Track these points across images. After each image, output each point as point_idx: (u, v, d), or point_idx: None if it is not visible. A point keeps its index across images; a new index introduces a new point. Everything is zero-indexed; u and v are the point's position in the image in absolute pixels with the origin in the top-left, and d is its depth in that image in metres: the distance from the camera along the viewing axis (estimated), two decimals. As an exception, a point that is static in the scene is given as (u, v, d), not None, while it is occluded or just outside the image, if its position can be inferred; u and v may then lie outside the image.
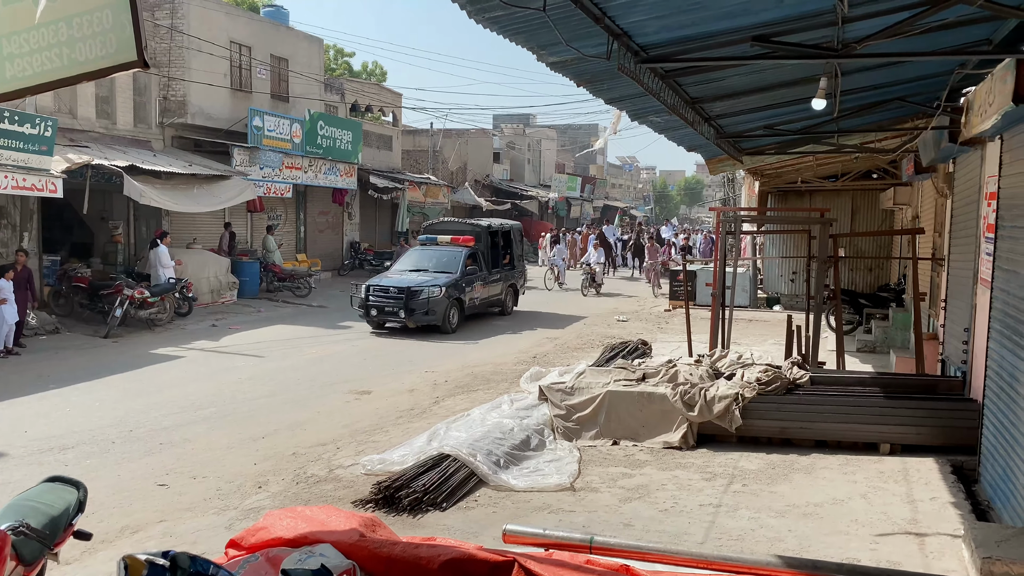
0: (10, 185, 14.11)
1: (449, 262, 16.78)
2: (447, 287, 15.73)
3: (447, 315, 15.68)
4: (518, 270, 19.27)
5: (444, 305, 15.56)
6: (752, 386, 8.14)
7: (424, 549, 2.09)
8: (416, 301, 15.42)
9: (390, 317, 15.72)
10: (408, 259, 17.73)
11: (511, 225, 19.86)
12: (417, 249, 18.14)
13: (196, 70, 20.47)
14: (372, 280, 16.45)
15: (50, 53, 2.73)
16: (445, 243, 17.49)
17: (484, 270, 17.36)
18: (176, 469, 7.52)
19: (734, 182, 34.19)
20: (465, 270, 16.52)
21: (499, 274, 18.12)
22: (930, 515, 6.18)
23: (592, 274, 23.52)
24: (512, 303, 18.88)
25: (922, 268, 11.99)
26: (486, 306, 17.58)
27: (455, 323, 16.03)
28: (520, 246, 19.81)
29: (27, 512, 3.45)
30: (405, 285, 15.57)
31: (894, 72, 7.62)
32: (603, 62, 5.13)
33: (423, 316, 15.44)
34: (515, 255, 19.28)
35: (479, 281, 16.99)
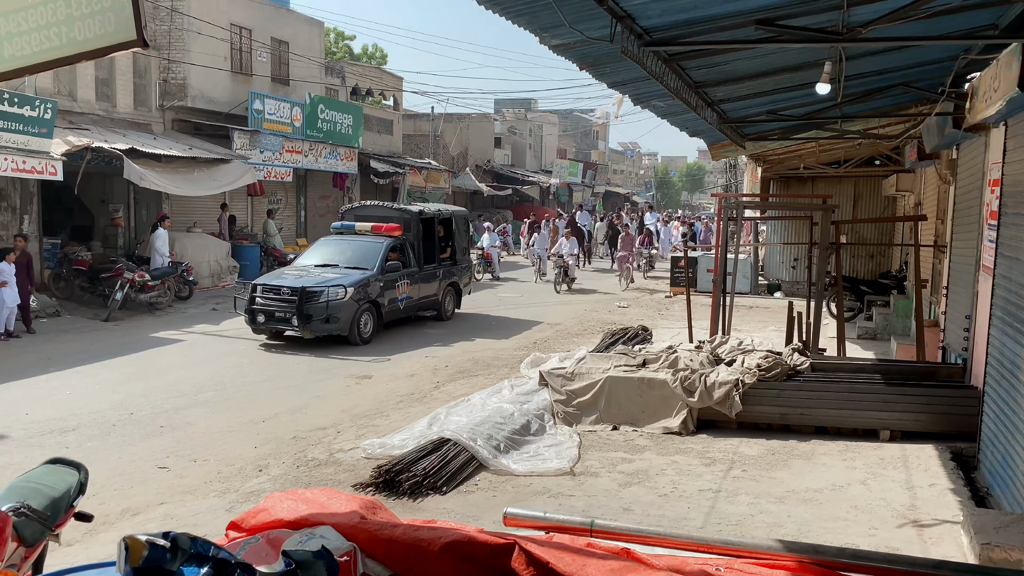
0: (10, 168, 14.08)
1: (366, 256, 13.72)
2: (356, 287, 12.74)
3: (356, 323, 12.71)
4: (461, 265, 16.30)
5: (352, 310, 12.61)
6: (752, 372, 8.14)
7: (425, 531, 2.09)
8: (313, 305, 12.40)
9: (281, 325, 12.63)
10: (317, 251, 14.56)
11: (453, 212, 16.79)
12: (329, 239, 14.86)
13: (196, 52, 20.37)
14: (262, 278, 13.58)
15: (48, 32, 2.71)
16: (365, 232, 14.40)
17: (414, 265, 14.42)
18: (177, 452, 7.54)
19: (736, 168, 34.11)
20: (385, 266, 13.56)
21: (435, 270, 15.15)
22: (929, 501, 6.20)
23: (565, 267, 20.82)
24: (452, 305, 15.95)
25: (924, 255, 11.97)
26: (416, 309, 14.70)
27: (368, 332, 13.02)
28: (466, 236, 16.87)
29: (28, 494, 3.45)
30: (300, 285, 12.51)
31: (899, 57, 7.57)
32: (606, 45, 5.09)
33: (322, 324, 12.45)
34: (457, 248, 16.23)
35: (405, 279, 14.01)
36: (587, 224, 30.79)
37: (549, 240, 26.03)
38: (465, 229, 16.91)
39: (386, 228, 14.39)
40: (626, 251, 22.68)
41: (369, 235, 14.34)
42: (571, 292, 20.57)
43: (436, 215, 15.68)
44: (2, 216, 15.82)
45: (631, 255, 22.73)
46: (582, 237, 26.92)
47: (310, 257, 14.42)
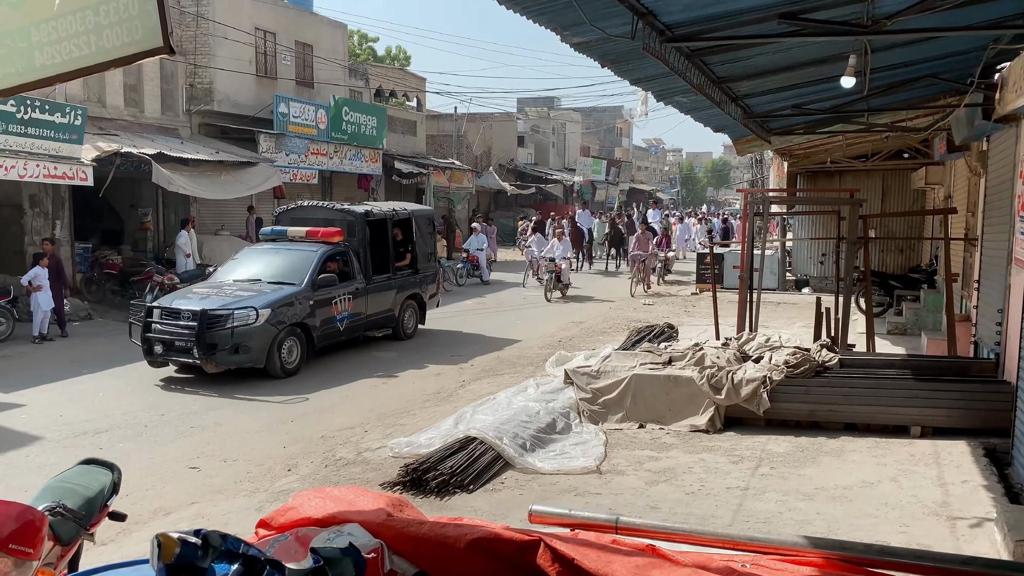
0: (42, 174, 14.35)
1: (295, 268, 11.48)
2: (274, 308, 10.50)
3: (275, 351, 10.42)
4: (425, 274, 14.00)
5: (268, 336, 10.33)
6: (780, 369, 8.07)
7: (451, 528, 2.11)
8: (217, 332, 10.10)
9: (181, 356, 10.34)
10: (239, 264, 12.19)
11: (413, 212, 14.20)
12: (255, 249, 12.74)
13: (221, 57, 20.59)
14: (163, 299, 11.31)
15: (78, 40, 2.76)
16: (299, 238, 12.21)
17: (359, 277, 12.20)
18: (207, 452, 7.64)
19: (762, 163, 33.81)
20: (317, 279, 11.29)
21: (389, 282, 12.94)
22: (962, 498, 6.11)
23: (556, 272, 18.48)
24: (414, 321, 13.69)
25: (954, 249, 11.79)
26: (363, 329, 12.50)
27: (294, 362, 10.81)
28: (431, 240, 14.51)
29: (64, 494, 3.52)
30: (201, 308, 10.23)
31: (926, 48, 7.48)
32: (628, 42, 5.09)
33: (230, 355, 10.16)
34: (419, 254, 13.91)
35: (346, 294, 11.79)
36: (588, 223, 28.55)
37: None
38: (430, 231, 14.53)
39: (323, 233, 12.09)
40: (642, 250, 20.19)
41: (302, 242, 12.09)
42: (564, 300, 18.44)
43: (389, 216, 13.30)
44: (35, 221, 16.12)
45: (650, 256, 20.41)
46: (582, 237, 25.29)
47: (231, 271, 12.01)
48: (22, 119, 14.07)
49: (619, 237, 25.90)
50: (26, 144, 14.15)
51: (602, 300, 18.77)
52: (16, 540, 2.87)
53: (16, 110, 13.92)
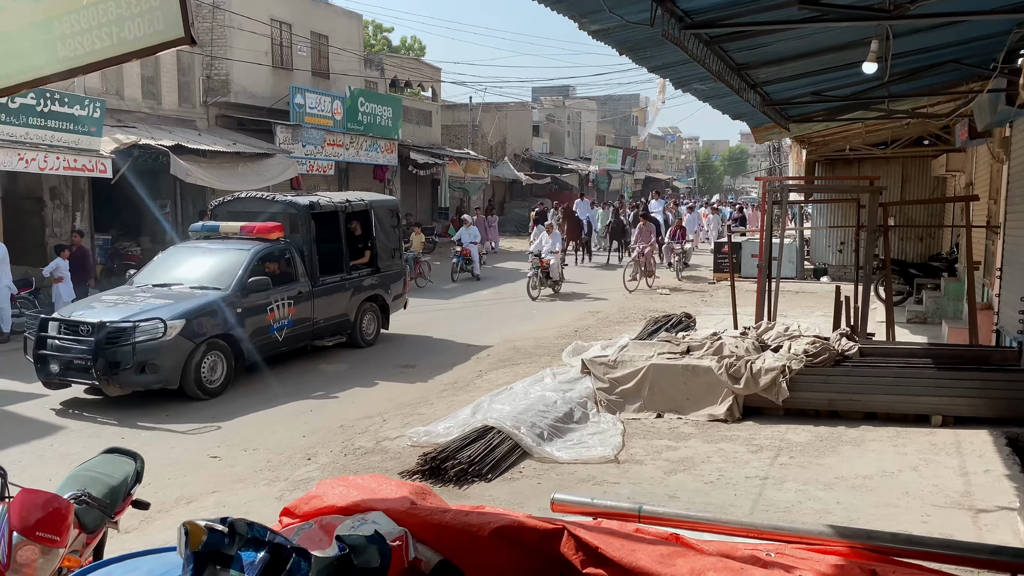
0: (62, 166, 14.48)
1: (222, 270, 10.07)
2: (188, 318, 9.04)
3: (192, 369, 8.97)
4: (388, 273, 12.57)
5: (182, 352, 8.90)
6: (799, 358, 8.03)
7: (474, 516, 2.11)
8: (120, 348, 8.69)
9: (80, 377, 8.90)
10: (162, 264, 10.73)
11: (371, 203, 12.54)
12: (181, 247, 11.33)
13: (238, 48, 20.66)
14: (63, 310, 9.89)
15: (100, 32, 2.77)
16: (232, 235, 10.85)
17: (302, 278, 10.79)
18: (227, 442, 7.70)
19: (780, 151, 33.58)
20: (248, 282, 9.87)
21: (343, 283, 11.57)
22: (984, 488, 6.06)
23: (544, 268, 17.07)
24: (375, 326, 12.28)
25: (976, 236, 11.66)
26: (310, 337, 11.04)
27: (218, 380, 9.33)
28: (395, 234, 12.99)
29: (88, 482, 3.57)
30: (100, 320, 8.81)
31: (948, 33, 7.37)
32: (646, 29, 5.05)
33: (135, 375, 8.74)
34: (380, 250, 12.41)
35: (285, 299, 10.37)
36: (587, 214, 26.84)
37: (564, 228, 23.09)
38: (394, 224, 12.99)
39: (258, 229, 10.65)
40: (643, 243, 18.84)
41: (236, 240, 10.71)
42: (555, 297, 17.12)
43: (341, 208, 11.80)
44: (56, 213, 16.27)
45: (651, 249, 19.05)
46: (580, 229, 24.06)
47: (151, 274, 10.52)
48: (42, 112, 14.20)
49: (621, 228, 24.52)
50: (46, 137, 14.28)
51: (596, 298, 17.35)
52: (43, 528, 2.91)
53: (36, 103, 14.03)
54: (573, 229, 23.49)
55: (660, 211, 28.55)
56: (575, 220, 23.91)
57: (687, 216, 29.46)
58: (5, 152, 13.54)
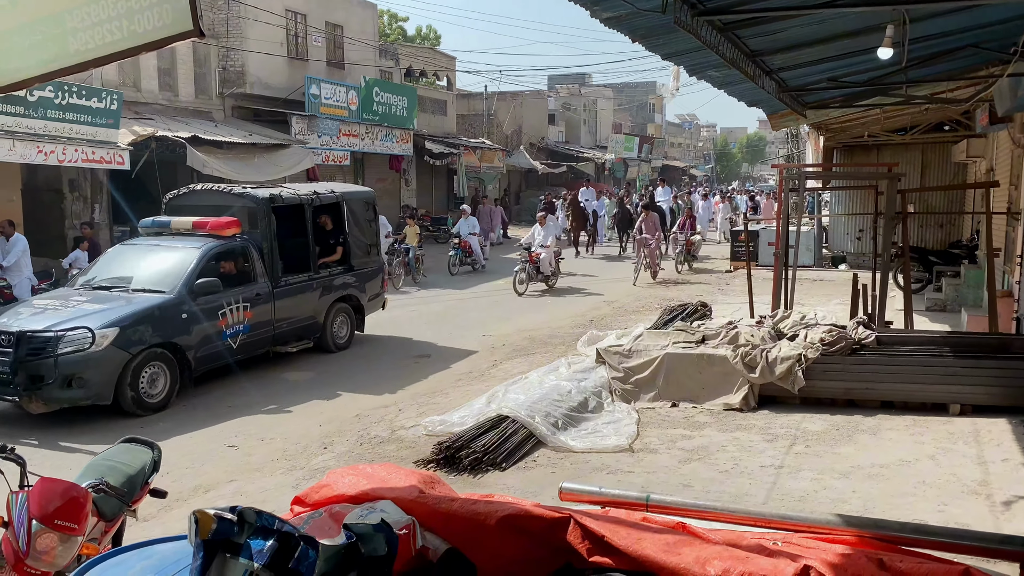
0: (80, 158, 14.62)
1: (169, 270, 9.16)
2: (125, 326, 8.11)
3: (129, 383, 8.05)
4: (365, 271, 11.64)
5: (116, 363, 7.97)
6: (815, 347, 7.98)
7: (482, 505, 2.13)
8: (42, 361, 7.79)
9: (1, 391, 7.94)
10: (108, 264, 9.75)
11: (343, 195, 11.52)
12: (129, 245, 10.32)
13: (253, 40, 20.73)
14: None
15: (110, 25, 2.80)
16: (184, 231, 9.83)
17: (262, 279, 9.83)
18: (244, 431, 7.77)
19: (798, 138, 33.26)
20: (196, 285, 8.91)
21: (310, 283, 10.64)
22: (1002, 476, 6.02)
23: (534, 262, 16.02)
24: (348, 329, 11.32)
25: (996, 223, 11.52)
26: (270, 343, 10.05)
27: (160, 394, 8.40)
28: (370, 229, 11.95)
29: (106, 471, 3.63)
30: (21, 328, 7.96)
31: (966, 17, 7.26)
32: (659, 16, 5.01)
33: (60, 390, 7.79)
34: (354, 246, 11.44)
35: (240, 302, 9.41)
36: (592, 202, 25.93)
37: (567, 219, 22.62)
38: (370, 218, 11.94)
39: (212, 225, 9.70)
40: (649, 234, 17.76)
41: (188, 236, 9.74)
42: (546, 292, 16.24)
43: (307, 201, 10.80)
44: (75, 205, 16.44)
45: (656, 240, 18.01)
46: (585, 219, 23.26)
47: (93, 274, 9.57)
48: (60, 104, 14.33)
49: (627, 218, 23.41)
50: (64, 129, 14.41)
51: (593, 293, 16.33)
52: (62, 516, 2.96)
53: (54, 95, 14.16)
54: (579, 219, 22.92)
55: (667, 199, 27.35)
56: (580, 210, 23.25)
57: (701, 204, 28.60)
58: (24, 145, 13.68)
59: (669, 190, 30.57)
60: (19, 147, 13.60)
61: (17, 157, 13.74)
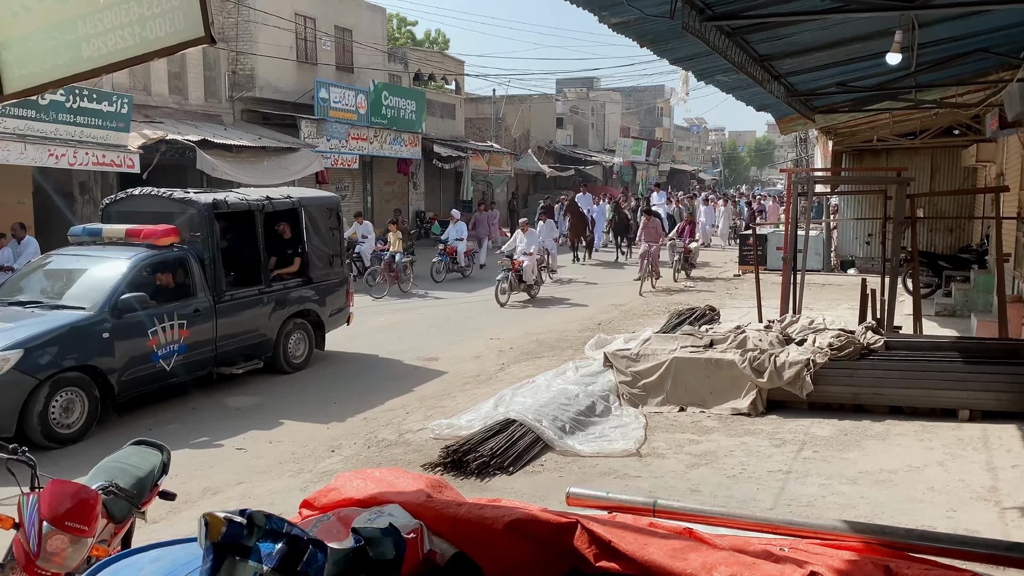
0: (91, 161, 14.71)
1: (93, 284, 8.31)
2: (30, 348, 7.27)
3: (33, 410, 7.14)
4: (323, 284, 10.62)
5: (19, 390, 7.12)
6: (824, 351, 7.97)
7: (489, 510, 2.13)
8: None
9: None
10: (25, 277, 8.98)
11: (300, 200, 10.48)
12: (55, 255, 9.23)
13: (262, 43, 20.83)
14: None
15: (123, 32, 2.83)
16: (118, 239, 8.98)
17: (202, 293, 8.94)
18: (252, 434, 7.80)
19: (807, 142, 33.19)
20: (120, 300, 7.98)
21: (260, 297, 9.71)
22: (1012, 483, 5.99)
23: (516, 271, 15.16)
24: (305, 347, 10.33)
25: (1007, 228, 11.48)
26: (213, 363, 9.11)
27: (76, 424, 7.48)
28: (334, 238, 10.98)
29: (116, 473, 3.65)
30: None
31: (976, 22, 7.25)
32: (667, 21, 5.03)
33: None
34: (312, 256, 10.49)
35: (175, 319, 8.50)
36: (590, 208, 25.07)
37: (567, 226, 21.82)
38: (332, 226, 10.95)
39: (146, 233, 8.78)
40: (651, 241, 17.22)
41: (120, 246, 8.87)
42: (528, 303, 15.33)
43: (258, 207, 9.84)
44: (85, 208, 16.53)
45: (658, 247, 17.39)
46: (585, 224, 22.48)
47: (11, 288, 8.78)
48: (71, 108, 14.43)
49: (624, 224, 22.87)
50: (75, 132, 14.51)
51: (577, 304, 15.33)
52: (72, 518, 2.98)
53: (65, 99, 14.26)
54: (577, 225, 22.08)
55: (662, 204, 26.55)
56: (579, 215, 22.47)
57: (702, 209, 27.79)
58: (36, 148, 13.78)
59: (663, 194, 30.04)
60: (30, 150, 13.71)
61: (28, 160, 13.84)
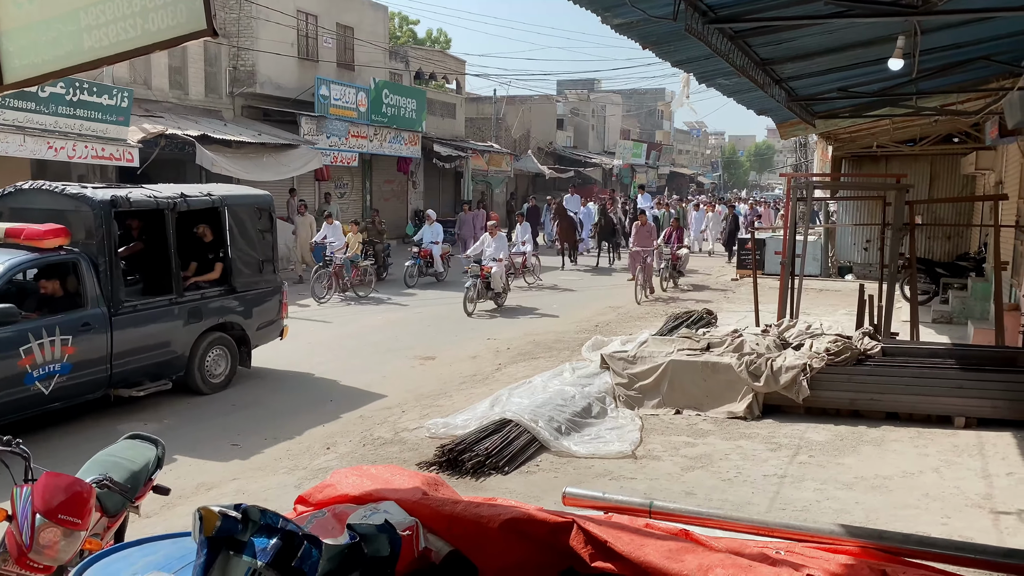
0: (90, 155, 14.67)
1: None
2: None
3: None
4: (249, 294, 9.42)
5: None
6: (820, 356, 7.97)
7: (485, 508, 2.13)
8: None
9: None
10: None
11: (223, 199, 9.24)
12: None
13: (264, 40, 20.80)
14: None
15: (124, 23, 2.82)
16: None
17: (94, 302, 7.76)
18: (248, 430, 7.78)
19: (807, 147, 33.24)
20: None
21: (169, 308, 8.52)
22: (1007, 490, 6.00)
23: (484, 278, 14.20)
24: (226, 365, 9.12)
25: (1004, 236, 11.49)
26: (107, 385, 7.90)
27: None
28: (265, 241, 9.70)
29: (110, 467, 3.64)
30: None
31: (978, 29, 7.26)
32: (669, 23, 5.02)
33: None
34: (237, 262, 9.28)
35: (56, 333, 7.35)
36: (578, 211, 23.71)
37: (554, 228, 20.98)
38: (263, 228, 9.69)
39: (28, 234, 7.61)
40: (642, 246, 16.15)
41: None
42: (496, 312, 14.28)
43: (167, 205, 8.56)
44: (84, 202, 16.49)
45: (649, 254, 16.24)
46: (574, 228, 21.47)
47: None
48: (71, 101, 14.40)
49: (610, 228, 21.85)
50: (75, 126, 14.48)
51: (548, 315, 14.24)
52: (65, 511, 2.97)
53: (65, 92, 14.23)
54: (566, 229, 21.12)
55: (648, 208, 24.77)
56: (568, 218, 21.44)
57: (693, 215, 27.27)
58: (35, 140, 13.75)
59: (648, 197, 28.88)
60: (29, 142, 13.67)
61: (27, 152, 13.80)
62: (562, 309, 14.94)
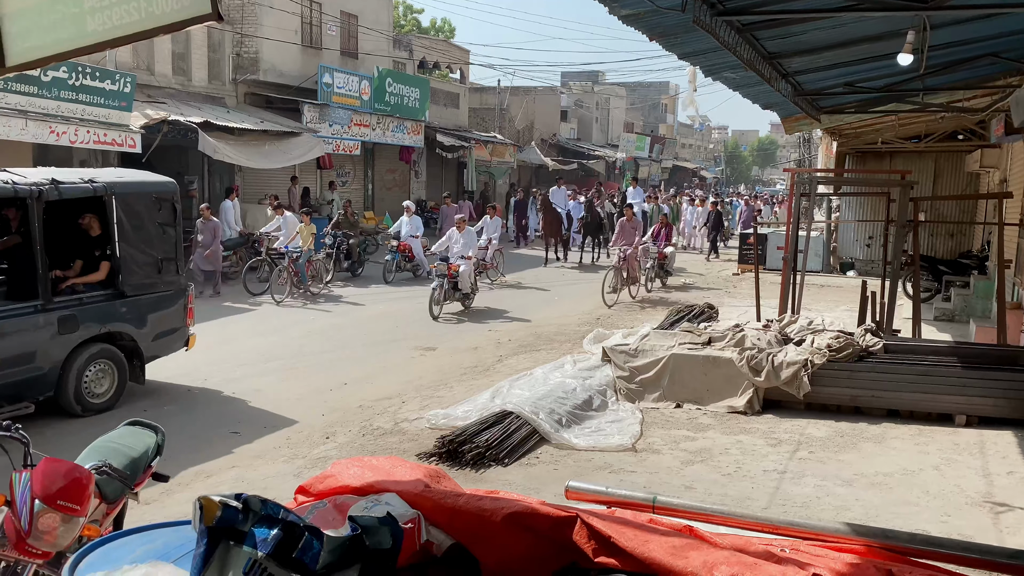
0: (92, 140, 14.63)
1: None
2: None
3: None
4: (147, 296, 8.12)
5: None
6: (822, 352, 7.95)
7: (487, 501, 2.11)
8: None
9: None
10: None
11: (109, 186, 7.71)
12: None
13: (268, 27, 20.73)
14: None
15: (128, 7, 2.79)
16: None
17: None
18: (247, 419, 7.77)
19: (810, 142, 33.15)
20: None
21: (35, 316, 7.15)
22: (1007, 489, 5.99)
23: (451, 277, 13.12)
24: (111, 381, 7.76)
25: (1008, 234, 11.44)
26: None
27: None
28: (164, 236, 8.20)
29: (109, 453, 3.62)
30: None
31: (986, 26, 7.21)
32: (678, 14, 4.99)
33: None
34: (128, 262, 7.89)
35: None
36: (564, 205, 22.44)
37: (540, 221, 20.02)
38: (164, 221, 8.24)
39: None
40: (626, 243, 15.05)
41: None
42: (463, 316, 13.15)
43: (30, 194, 7.07)
44: (85, 187, 16.45)
45: (635, 250, 15.07)
46: (560, 223, 20.46)
47: None
48: (73, 86, 14.34)
49: (597, 223, 20.71)
50: (77, 110, 14.43)
51: (519, 319, 13.07)
52: (64, 497, 2.95)
53: (68, 76, 14.17)
54: (551, 223, 20.10)
55: (639, 202, 23.87)
56: (553, 212, 20.30)
57: (687, 210, 26.21)
58: (37, 125, 13.70)
59: (640, 190, 27.08)
60: (31, 127, 13.63)
61: (29, 137, 13.76)
62: (535, 311, 13.76)
